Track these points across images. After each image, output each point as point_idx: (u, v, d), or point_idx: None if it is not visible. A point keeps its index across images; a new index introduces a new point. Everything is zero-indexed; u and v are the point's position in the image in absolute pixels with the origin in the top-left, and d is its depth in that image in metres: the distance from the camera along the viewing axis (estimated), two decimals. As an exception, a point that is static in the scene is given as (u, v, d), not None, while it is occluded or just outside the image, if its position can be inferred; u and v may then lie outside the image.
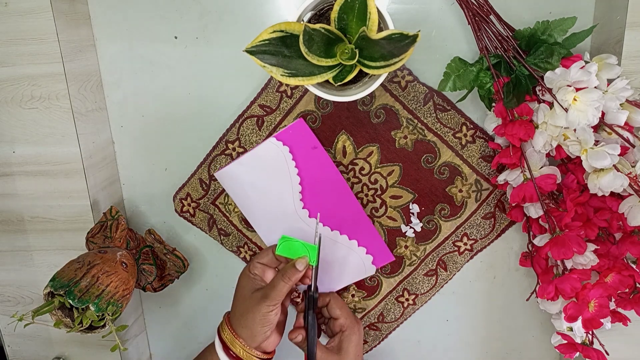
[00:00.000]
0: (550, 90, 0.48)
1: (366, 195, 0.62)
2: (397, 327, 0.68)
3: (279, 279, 0.54)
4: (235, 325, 0.56)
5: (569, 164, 0.52)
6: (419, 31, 0.42)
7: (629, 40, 0.49)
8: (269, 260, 0.59)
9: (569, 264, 0.50)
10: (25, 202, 0.63)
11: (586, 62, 0.48)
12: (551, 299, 0.50)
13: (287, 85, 0.59)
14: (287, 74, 0.45)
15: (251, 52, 0.44)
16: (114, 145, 0.66)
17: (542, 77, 0.49)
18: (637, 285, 0.51)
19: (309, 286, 0.58)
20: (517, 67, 0.50)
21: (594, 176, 0.47)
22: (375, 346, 0.69)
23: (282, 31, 0.44)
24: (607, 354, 0.52)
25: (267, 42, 0.44)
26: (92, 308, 0.52)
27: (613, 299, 0.52)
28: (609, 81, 0.49)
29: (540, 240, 0.52)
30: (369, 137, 0.60)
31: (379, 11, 0.44)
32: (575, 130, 0.47)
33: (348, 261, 0.63)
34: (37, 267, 0.66)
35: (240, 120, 0.62)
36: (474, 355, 0.68)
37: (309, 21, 0.50)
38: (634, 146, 0.48)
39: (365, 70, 0.45)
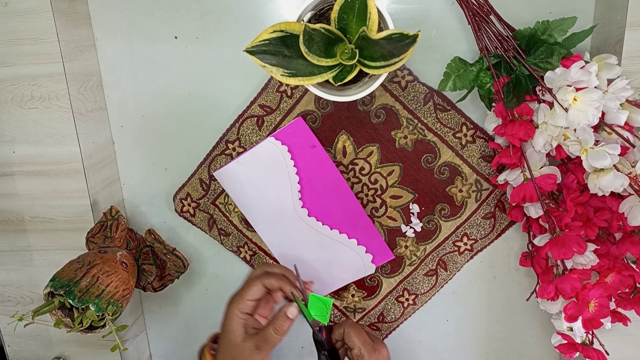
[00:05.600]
0: (550, 90, 0.48)
1: (366, 195, 0.62)
2: (397, 327, 0.68)
3: (271, 331, 0.52)
4: None
5: (569, 164, 0.52)
6: (419, 31, 0.42)
7: (629, 40, 0.49)
8: (259, 293, 0.54)
9: (569, 264, 0.50)
10: (25, 202, 0.63)
11: (586, 62, 0.48)
12: (551, 299, 0.50)
13: (287, 85, 0.59)
14: (287, 74, 0.45)
15: (251, 52, 0.44)
16: (114, 145, 0.66)
17: (542, 77, 0.49)
18: (637, 285, 0.51)
19: (313, 331, 0.56)
20: (517, 67, 0.50)
21: (594, 176, 0.47)
22: (375, 346, 0.69)
23: (282, 31, 0.44)
24: (607, 354, 0.52)
25: (267, 42, 0.44)
26: (92, 308, 0.52)
27: (613, 299, 0.52)
28: (609, 81, 0.49)
29: (540, 240, 0.52)
30: (369, 137, 0.60)
31: (379, 11, 0.44)
32: (575, 130, 0.47)
33: (347, 260, 0.63)
34: (37, 267, 0.66)
35: (240, 120, 0.62)
36: (474, 355, 0.68)
37: (309, 21, 0.50)
38: (634, 146, 0.48)
39: (365, 70, 0.45)
